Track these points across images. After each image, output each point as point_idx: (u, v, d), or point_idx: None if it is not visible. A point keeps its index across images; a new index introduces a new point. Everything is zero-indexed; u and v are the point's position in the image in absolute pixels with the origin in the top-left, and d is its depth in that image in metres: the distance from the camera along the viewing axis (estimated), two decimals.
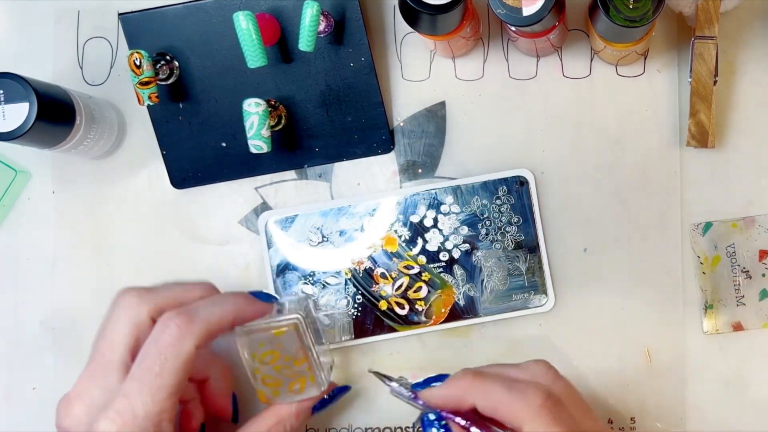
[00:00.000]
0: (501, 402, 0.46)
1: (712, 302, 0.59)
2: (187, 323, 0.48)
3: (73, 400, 0.49)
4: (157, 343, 0.48)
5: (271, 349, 0.52)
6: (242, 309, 0.52)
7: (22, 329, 0.63)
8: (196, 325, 0.49)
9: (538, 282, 0.60)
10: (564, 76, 0.61)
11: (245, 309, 0.52)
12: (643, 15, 0.50)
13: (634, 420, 0.59)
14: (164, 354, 0.48)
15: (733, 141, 0.60)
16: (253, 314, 0.53)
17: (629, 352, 0.60)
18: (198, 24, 0.61)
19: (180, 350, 0.48)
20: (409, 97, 0.62)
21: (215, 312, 0.50)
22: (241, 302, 0.52)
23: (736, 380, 0.59)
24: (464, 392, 0.47)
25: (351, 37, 0.60)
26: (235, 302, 0.52)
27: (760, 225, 0.59)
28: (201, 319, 0.49)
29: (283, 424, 0.53)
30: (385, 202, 0.61)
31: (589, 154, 0.60)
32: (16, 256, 0.64)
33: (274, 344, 0.52)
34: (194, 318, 0.49)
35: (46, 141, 0.57)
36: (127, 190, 0.63)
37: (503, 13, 0.51)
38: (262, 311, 0.53)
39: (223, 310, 0.51)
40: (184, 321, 0.49)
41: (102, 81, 0.64)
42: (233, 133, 0.61)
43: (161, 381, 0.47)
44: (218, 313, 0.50)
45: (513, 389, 0.46)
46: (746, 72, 0.60)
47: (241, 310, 0.52)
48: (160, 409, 0.47)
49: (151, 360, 0.48)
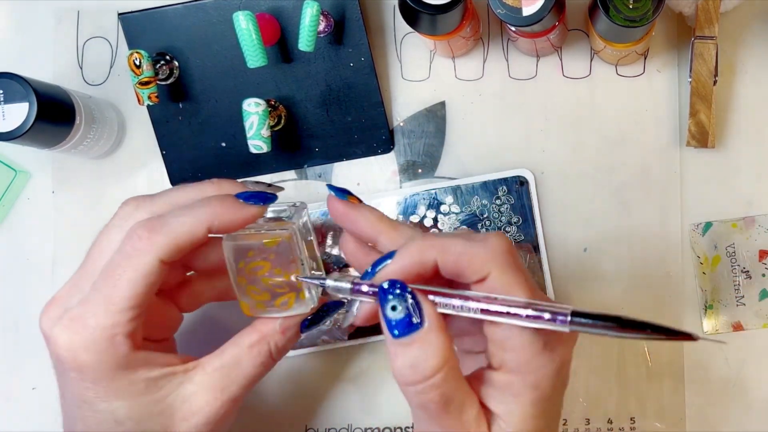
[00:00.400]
0: (463, 253, 0.42)
1: (712, 302, 0.59)
2: (150, 235, 0.45)
3: (54, 302, 0.47)
4: (120, 253, 0.45)
5: (261, 259, 0.47)
6: (221, 215, 0.46)
7: (22, 329, 0.63)
8: (160, 237, 0.45)
9: (538, 282, 0.60)
10: (564, 76, 0.61)
11: (225, 215, 0.47)
12: (643, 15, 0.50)
13: (634, 420, 0.59)
14: (123, 265, 0.45)
15: (733, 141, 0.60)
16: (239, 220, 0.47)
17: (629, 352, 0.60)
18: (198, 24, 0.61)
19: (139, 262, 0.45)
20: (409, 97, 0.62)
21: (185, 221, 0.46)
22: (220, 208, 0.47)
23: (736, 380, 0.59)
24: (421, 254, 0.42)
25: (351, 37, 0.60)
26: (211, 209, 0.46)
27: (760, 225, 0.59)
28: (167, 230, 0.45)
29: (267, 341, 0.49)
30: (385, 202, 0.61)
31: (589, 154, 0.60)
32: (16, 256, 0.64)
33: (264, 254, 0.47)
34: (160, 229, 0.45)
35: (46, 141, 0.57)
36: (127, 190, 0.63)
37: (503, 13, 0.51)
38: (251, 216, 0.48)
39: (195, 219, 0.46)
40: (148, 232, 0.45)
41: (102, 81, 0.64)
42: (233, 133, 0.61)
43: (117, 292, 0.45)
44: (189, 222, 0.46)
45: (474, 239, 0.42)
46: (746, 72, 0.60)
47: (221, 217, 0.46)
48: (114, 322, 0.45)
49: (111, 269, 0.45)
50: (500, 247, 0.42)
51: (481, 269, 0.42)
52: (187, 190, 0.49)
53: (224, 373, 0.48)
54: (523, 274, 0.42)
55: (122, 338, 0.45)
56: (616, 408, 0.59)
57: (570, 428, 0.60)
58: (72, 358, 0.45)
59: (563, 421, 0.60)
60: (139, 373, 0.46)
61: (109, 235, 0.48)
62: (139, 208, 0.48)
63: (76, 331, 0.45)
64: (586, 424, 0.60)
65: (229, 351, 0.49)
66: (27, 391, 0.63)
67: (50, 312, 0.47)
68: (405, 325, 0.41)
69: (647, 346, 0.59)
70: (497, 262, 0.41)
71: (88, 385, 0.46)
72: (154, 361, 0.47)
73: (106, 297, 0.45)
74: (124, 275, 0.45)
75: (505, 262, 0.42)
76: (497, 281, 0.41)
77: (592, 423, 0.60)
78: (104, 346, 0.45)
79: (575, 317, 0.39)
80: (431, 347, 0.41)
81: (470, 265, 0.42)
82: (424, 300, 0.42)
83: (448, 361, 0.41)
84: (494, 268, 0.41)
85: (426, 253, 0.42)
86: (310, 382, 0.62)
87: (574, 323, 0.40)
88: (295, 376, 0.62)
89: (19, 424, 0.63)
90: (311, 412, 0.62)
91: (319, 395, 0.62)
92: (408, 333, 0.41)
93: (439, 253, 0.42)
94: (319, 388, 0.62)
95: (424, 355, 0.41)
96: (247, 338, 0.49)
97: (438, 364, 0.41)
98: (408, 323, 0.41)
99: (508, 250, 0.42)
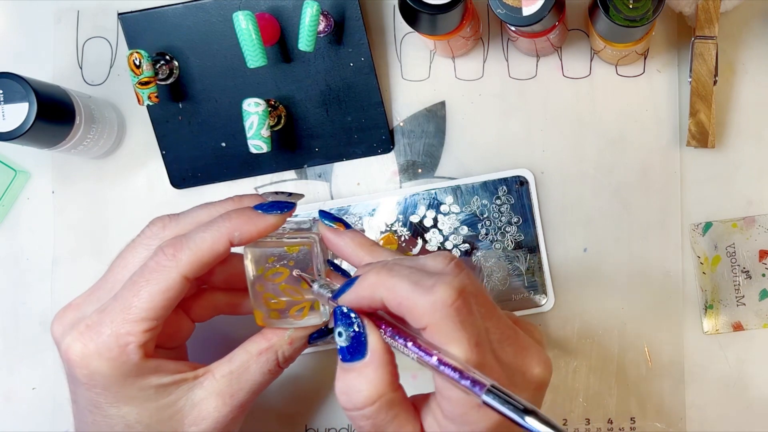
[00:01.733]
0: (406, 299, 0.41)
1: (712, 302, 0.59)
2: (174, 252, 0.46)
3: (70, 308, 0.49)
4: (144, 268, 0.47)
5: (281, 265, 0.49)
6: (241, 227, 0.48)
7: (22, 329, 0.63)
8: (184, 253, 0.46)
9: (538, 282, 0.60)
10: (564, 76, 0.61)
11: (245, 226, 0.48)
12: (643, 15, 0.50)
13: (634, 420, 0.59)
14: (146, 278, 0.46)
15: (733, 141, 0.60)
16: (259, 230, 0.48)
17: (629, 352, 0.60)
18: (198, 24, 0.61)
19: (162, 277, 0.46)
20: (409, 97, 0.62)
21: (206, 237, 0.47)
22: (239, 220, 0.48)
23: (736, 380, 0.59)
24: (373, 289, 0.42)
25: (351, 37, 0.60)
26: (230, 222, 0.48)
27: (760, 225, 0.59)
28: (190, 246, 0.47)
29: (275, 350, 0.50)
30: (385, 202, 0.61)
31: (589, 154, 0.60)
32: (16, 256, 0.64)
33: (284, 260, 0.48)
34: (183, 247, 0.47)
35: (46, 141, 0.57)
36: (127, 190, 0.63)
37: (503, 13, 0.51)
38: (271, 225, 0.48)
39: (215, 234, 0.47)
40: (173, 249, 0.47)
41: (102, 81, 0.64)
42: (233, 133, 0.61)
43: (136, 302, 0.46)
44: (210, 237, 0.47)
45: (420, 284, 0.41)
46: (746, 72, 0.60)
47: (241, 228, 0.48)
48: (128, 330, 0.46)
49: (133, 282, 0.47)
50: (443, 299, 0.40)
51: (420, 320, 0.41)
52: (209, 209, 0.50)
53: (233, 379, 0.49)
54: (463, 330, 0.40)
55: (135, 347, 0.46)
56: (616, 408, 0.59)
57: (570, 428, 0.60)
58: (84, 364, 0.46)
59: (563, 422, 0.60)
60: (149, 379, 0.47)
61: (135, 251, 0.49)
62: (165, 227, 0.49)
63: (90, 338, 0.46)
64: (586, 424, 0.60)
65: (238, 357, 0.50)
66: (27, 391, 0.63)
67: (63, 319, 0.48)
68: (347, 352, 0.43)
69: (647, 346, 0.60)
70: (436, 316, 0.40)
71: (98, 390, 0.47)
72: (165, 368, 0.48)
73: (124, 307, 0.46)
74: (145, 287, 0.46)
75: (445, 315, 0.40)
76: (434, 335, 0.41)
77: (592, 423, 0.60)
78: (116, 353, 0.46)
79: (490, 393, 0.38)
80: (366, 380, 0.42)
81: (410, 313, 0.41)
82: (373, 332, 0.43)
83: (382, 396, 0.42)
84: (432, 322, 0.40)
85: (375, 290, 0.42)
86: (310, 382, 0.62)
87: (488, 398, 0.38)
88: (295, 376, 0.62)
89: (19, 424, 0.63)
90: (311, 412, 0.62)
91: (319, 395, 0.62)
92: (350, 360, 0.42)
93: (386, 294, 0.42)
94: (319, 388, 0.62)
95: (358, 386, 0.42)
96: (256, 346, 0.50)
97: (369, 398, 0.42)
98: (351, 351, 0.43)
99: (451, 303, 0.40)
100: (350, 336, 0.43)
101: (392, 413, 0.42)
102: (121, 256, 0.50)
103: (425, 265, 0.44)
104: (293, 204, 0.50)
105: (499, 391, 0.38)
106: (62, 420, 0.62)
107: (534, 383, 0.44)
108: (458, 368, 0.39)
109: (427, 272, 0.42)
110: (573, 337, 0.60)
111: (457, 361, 0.40)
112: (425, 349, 0.41)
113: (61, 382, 0.61)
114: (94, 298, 0.49)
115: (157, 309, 0.46)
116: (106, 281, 0.49)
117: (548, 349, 0.60)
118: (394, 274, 0.42)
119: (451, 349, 0.40)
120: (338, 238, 0.49)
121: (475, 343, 0.40)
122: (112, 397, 0.47)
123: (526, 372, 0.44)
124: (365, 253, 0.48)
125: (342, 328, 0.43)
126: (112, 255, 0.63)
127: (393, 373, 0.43)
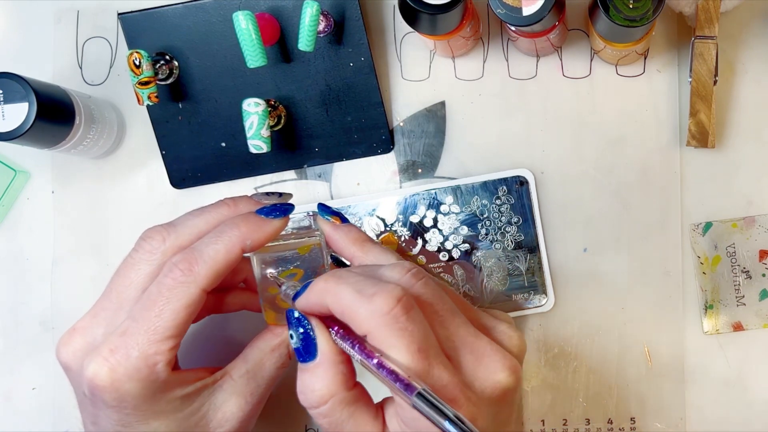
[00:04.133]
0: (348, 307, 0.42)
1: (712, 302, 0.59)
2: (190, 266, 0.47)
3: (76, 333, 0.49)
4: (160, 285, 0.47)
5: (294, 266, 0.50)
6: (250, 235, 0.48)
7: (22, 329, 0.63)
8: (200, 268, 0.47)
9: (538, 282, 0.60)
10: (564, 76, 0.61)
11: (254, 234, 0.48)
12: (643, 15, 0.50)
13: (634, 420, 0.59)
14: (166, 296, 0.46)
15: (733, 141, 0.60)
16: (267, 235, 0.49)
17: (629, 352, 0.60)
18: (198, 24, 0.61)
19: (183, 293, 0.46)
20: (409, 97, 0.62)
21: (219, 249, 0.47)
22: (247, 228, 0.48)
23: (736, 380, 0.59)
24: (321, 296, 0.44)
25: (351, 37, 0.60)
26: (239, 231, 0.48)
27: (760, 225, 0.59)
28: (205, 260, 0.47)
29: (286, 345, 0.52)
30: (385, 202, 0.61)
31: (589, 154, 0.60)
32: (16, 256, 0.64)
33: (298, 262, 0.50)
34: (198, 260, 0.47)
35: (46, 141, 0.57)
36: (127, 190, 0.63)
37: (503, 12, 0.51)
38: (278, 229, 0.49)
39: (228, 245, 0.48)
40: (188, 264, 0.47)
41: (101, 81, 0.64)
42: (233, 133, 0.61)
43: (160, 322, 0.46)
44: (223, 249, 0.47)
45: (362, 293, 0.42)
46: (746, 72, 0.60)
47: (251, 236, 0.48)
48: (156, 350, 0.46)
49: (152, 301, 0.46)
50: (381, 308, 0.41)
51: (360, 327, 0.42)
52: (205, 215, 0.51)
53: (250, 377, 0.51)
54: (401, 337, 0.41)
55: (163, 366, 0.47)
56: (616, 408, 0.59)
57: (570, 428, 0.60)
58: (114, 388, 0.46)
59: (563, 422, 0.60)
60: (175, 392, 0.48)
61: (137, 267, 0.49)
62: (165, 240, 0.49)
63: (118, 362, 0.46)
64: (586, 424, 0.60)
65: (253, 356, 0.51)
66: (27, 391, 0.63)
67: (72, 344, 0.49)
68: (300, 354, 0.44)
69: (647, 346, 0.59)
70: (374, 323, 0.41)
71: (128, 411, 0.47)
72: (186, 379, 0.49)
73: (149, 328, 0.46)
74: (167, 306, 0.46)
75: (382, 324, 0.41)
76: (374, 342, 0.42)
77: (592, 423, 0.60)
78: (146, 374, 0.46)
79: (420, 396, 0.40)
80: (318, 380, 0.44)
81: (351, 320, 0.43)
82: (321, 335, 0.44)
83: (334, 395, 0.43)
84: (370, 330, 0.42)
85: (323, 297, 0.44)
86: None
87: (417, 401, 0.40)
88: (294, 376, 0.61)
89: (19, 424, 0.63)
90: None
91: None
92: (304, 361, 0.44)
93: (331, 301, 0.43)
94: None
95: (312, 385, 0.44)
96: (268, 343, 0.52)
97: (322, 397, 0.43)
98: (303, 352, 0.44)
99: (388, 311, 0.41)
100: (300, 338, 0.44)
101: (348, 411, 0.44)
102: (122, 273, 0.49)
103: (382, 275, 0.45)
104: (293, 206, 0.51)
105: (430, 396, 0.39)
106: (62, 420, 0.62)
107: (498, 389, 0.44)
108: (394, 371, 0.41)
109: (376, 281, 0.43)
110: (573, 337, 0.60)
111: (398, 365, 0.41)
112: (368, 352, 0.42)
113: (62, 382, 0.61)
114: (101, 319, 0.49)
115: (180, 326, 0.47)
116: (109, 300, 0.49)
117: (548, 350, 0.60)
118: (342, 282, 0.43)
119: (391, 355, 0.41)
120: (334, 232, 0.50)
121: (416, 349, 0.41)
122: (141, 415, 0.47)
123: (487, 379, 0.44)
124: (357, 248, 0.49)
125: (293, 330, 0.45)
126: (112, 255, 0.63)
127: (345, 372, 0.44)
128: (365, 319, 0.42)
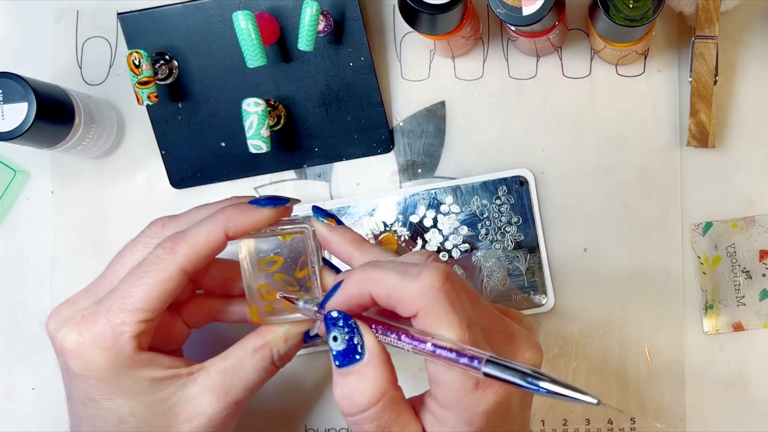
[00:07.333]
0: (394, 288, 0.41)
1: (713, 302, 0.59)
2: (172, 246, 0.47)
3: (65, 305, 0.49)
4: (143, 262, 0.48)
5: (275, 254, 0.50)
6: (235, 218, 0.48)
7: (22, 329, 0.63)
8: (181, 247, 0.47)
9: (538, 282, 0.60)
10: (564, 75, 0.61)
11: (239, 218, 0.48)
12: (643, 14, 0.50)
13: (634, 420, 0.59)
14: (144, 269, 0.47)
15: (733, 141, 0.60)
16: (252, 222, 0.49)
17: (629, 352, 0.60)
18: (197, 24, 0.61)
19: (159, 269, 0.47)
20: (409, 97, 0.62)
21: (202, 230, 0.48)
22: (233, 212, 0.49)
23: (736, 380, 0.59)
24: (360, 286, 0.43)
25: (351, 36, 0.60)
26: (224, 214, 0.48)
27: (760, 225, 0.59)
28: (186, 240, 0.47)
29: (270, 347, 0.50)
30: (385, 202, 0.61)
31: (589, 154, 0.60)
32: (16, 256, 0.64)
33: (278, 250, 0.50)
34: (180, 240, 0.48)
35: (46, 141, 0.57)
36: (127, 190, 0.63)
37: (503, 12, 0.51)
38: (265, 217, 0.49)
39: (211, 226, 0.48)
40: (171, 244, 0.47)
41: (101, 81, 0.64)
42: (232, 132, 0.61)
43: (132, 292, 0.46)
44: (205, 231, 0.48)
45: (407, 274, 0.41)
46: (746, 72, 0.60)
47: (235, 220, 0.48)
48: (123, 320, 0.46)
49: (131, 274, 0.47)
50: (431, 283, 0.41)
51: (410, 306, 0.41)
52: (208, 209, 0.51)
53: (227, 375, 0.49)
54: (454, 312, 0.41)
55: (129, 338, 0.47)
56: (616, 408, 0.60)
57: (570, 428, 0.60)
58: (78, 353, 0.46)
59: (563, 422, 0.60)
60: (143, 372, 0.47)
61: (134, 249, 0.50)
62: (165, 227, 0.50)
63: (86, 328, 0.47)
64: (587, 424, 0.60)
65: (233, 354, 0.50)
66: (27, 391, 0.63)
67: (59, 315, 0.49)
68: (344, 356, 0.42)
69: (647, 346, 0.59)
70: (425, 299, 0.41)
71: (92, 382, 0.47)
72: (159, 363, 0.48)
73: (120, 298, 0.47)
74: (143, 279, 0.47)
75: (434, 299, 0.41)
76: (425, 320, 0.41)
77: (592, 423, 0.60)
78: (110, 342, 0.46)
79: (490, 364, 0.39)
80: (367, 380, 0.42)
81: (399, 301, 0.41)
82: (367, 332, 0.43)
83: (385, 393, 0.42)
84: (422, 307, 0.41)
85: (363, 286, 0.42)
86: (310, 382, 0.62)
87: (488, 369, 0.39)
88: (295, 376, 0.62)
89: (19, 424, 0.63)
90: (311, 412, 0.62)
91: (319, 395, 0.62)
92: (347, 364, 0.42)
93: (373, 287, 0.42)
94: (319, 389, 0.62)
95: (360, 388, 0.42)
96: (251, 343, 0.50)
97: (373, 398, 0.42)
98: (348, 354, 0.42)
99: (439, 287, 0.41)
100: (346, 338, 0.43)
101: (396, 412, 0.42)
102: (120, 254, 0.50)
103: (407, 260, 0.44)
104: (287, 199, 0.51)
105: (499, 360, 0.39)
106: (62, 420, 0.62)
107: None
108: (454, 348, 0.40)
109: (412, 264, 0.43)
110: (573, 337, 0.60)
111: (451, 342, 0.40)
112: (418, 338, 0.41)
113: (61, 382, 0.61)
114: (91, 294, 0.49)
115: (153, 300, 0.47)
116: (104, 278, 0.50)
117: (548, 350, 0.60)
118: (380, 266, 0.43)
119: (443, 332, 0.40)
120: (329, 234, 0.50)
121: (467, 324, 0.41)
122: (106, 388, 0.47)
123: (517, 357, 0.44)
124: (355, 248, 0.49)
125: (336, 332, 0.43)
126: (112, 255, 0.62)
127: (392, 370, 0.43)
128: (415, 297, 0.41)
